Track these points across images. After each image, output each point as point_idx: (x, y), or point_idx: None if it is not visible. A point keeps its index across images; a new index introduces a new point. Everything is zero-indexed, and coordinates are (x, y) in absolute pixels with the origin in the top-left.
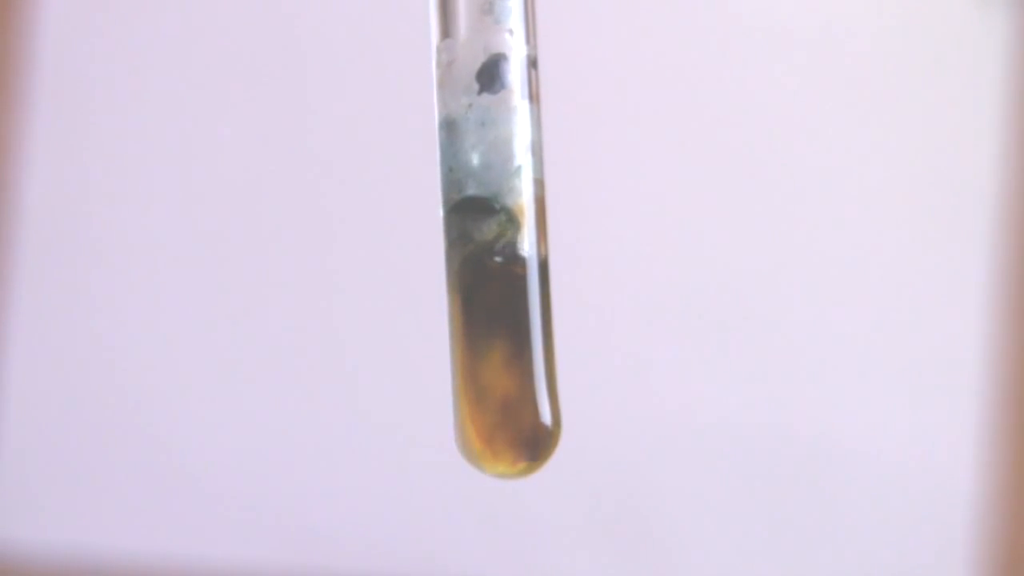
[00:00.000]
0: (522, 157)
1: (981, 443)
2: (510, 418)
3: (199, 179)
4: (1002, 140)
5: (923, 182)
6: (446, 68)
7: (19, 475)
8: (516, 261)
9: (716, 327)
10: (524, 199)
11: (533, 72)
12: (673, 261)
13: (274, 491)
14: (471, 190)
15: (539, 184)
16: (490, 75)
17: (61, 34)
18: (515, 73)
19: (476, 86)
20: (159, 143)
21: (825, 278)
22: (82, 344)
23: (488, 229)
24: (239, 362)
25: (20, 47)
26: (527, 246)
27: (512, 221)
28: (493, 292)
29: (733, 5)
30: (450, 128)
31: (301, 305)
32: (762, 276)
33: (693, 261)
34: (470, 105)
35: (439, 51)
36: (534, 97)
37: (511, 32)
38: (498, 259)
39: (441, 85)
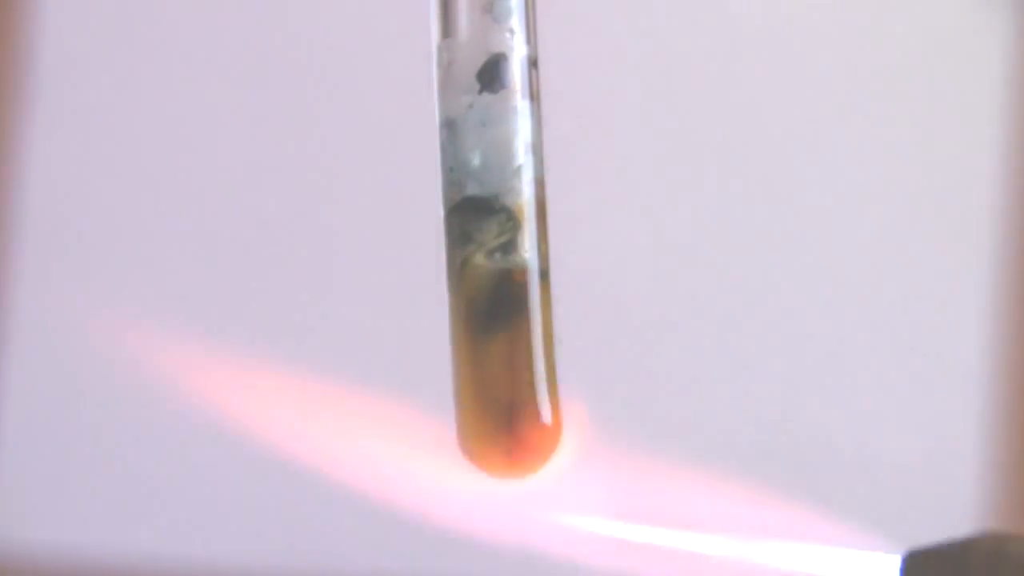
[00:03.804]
0: (523, 157)
1: (983, 445)
2: (511, 420)
3: (199, 179)
4: (1002, 140)
5: (923, 183)
6: (446, 68)
7: (18, 475)
8: (517, 261)
9: (718, 327)
10: (525, 199)
11: (534, 72)
12: (674, 261)
13: (274, 491)
14: (471, 190)
15: (540, 184)
16: (490, 75)
17: (61, 33)
18: (515, 73)
19: (477, 86)
20: (160, 142)
21: (826, 279)
22: (82, 343)
23: (489, 229)
24: (240, 362)
25: (20, 46)
26: (528, 246)
27: (513, 221)
28: (494, 292)
29: (734, 5)
30: (451, 128)
31: (302, 306)
32: (764, 276)
33: (694, 261)
34: (471, 105)
35: (440, 51)
36: (535, 97)
37: (511, 32)
38: (499, 259)
39: (442, 85)
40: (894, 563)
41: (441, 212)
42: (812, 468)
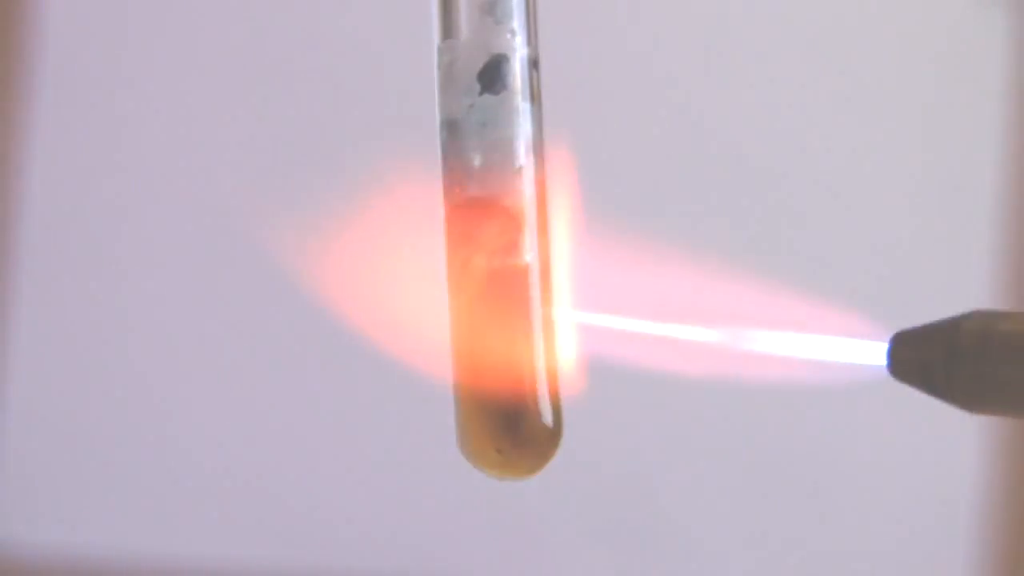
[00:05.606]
0: (524, 158)
1: (984, 445)
2: (512, 419)
3: (200, 178)
4: (1002, 140)
5: (923, 183)
6: (447, 69)
7: (19, 475)
8: (518, 262)
9: (719, 326)
10: (526, 200)
11: (535, 73)
12: (675, 261)
13: (276, 491)
14: (472, 191)
15: (541, 185)
16: (491, 76)
17: (62, 33)
18: (516, 74)
19: (477, 87)
20: (160, 142)
21: (826, 278)
22: (83, 343)
23: (490, 230)
24: (241, 361)
25: (21, 46)
26: (529, 247)
27: (514, 222)
28: (494, 294)
29: (734, 5)
30: (451, 129)
31: (303, 305)
32: (764, 276)
33: (695, 260)
34: (471, 106)
35: (440, 52)
36: (535, 98)
37: (512, 33)
38: (499, 261)
39: (442, 86)
40: (882, 347)
41: (441, 213)
42: (816, 470)
